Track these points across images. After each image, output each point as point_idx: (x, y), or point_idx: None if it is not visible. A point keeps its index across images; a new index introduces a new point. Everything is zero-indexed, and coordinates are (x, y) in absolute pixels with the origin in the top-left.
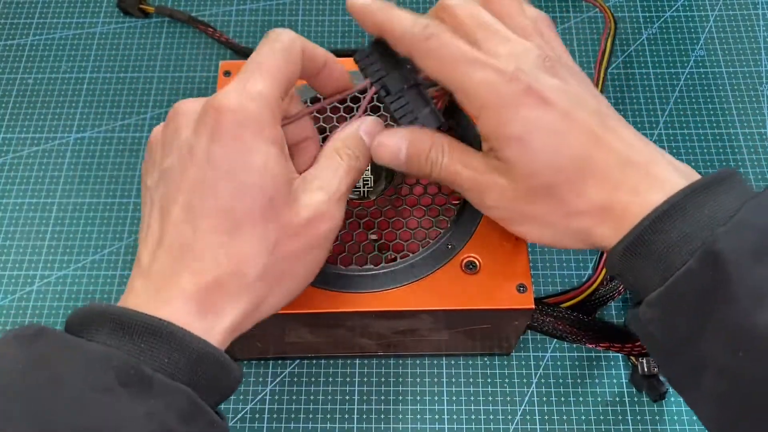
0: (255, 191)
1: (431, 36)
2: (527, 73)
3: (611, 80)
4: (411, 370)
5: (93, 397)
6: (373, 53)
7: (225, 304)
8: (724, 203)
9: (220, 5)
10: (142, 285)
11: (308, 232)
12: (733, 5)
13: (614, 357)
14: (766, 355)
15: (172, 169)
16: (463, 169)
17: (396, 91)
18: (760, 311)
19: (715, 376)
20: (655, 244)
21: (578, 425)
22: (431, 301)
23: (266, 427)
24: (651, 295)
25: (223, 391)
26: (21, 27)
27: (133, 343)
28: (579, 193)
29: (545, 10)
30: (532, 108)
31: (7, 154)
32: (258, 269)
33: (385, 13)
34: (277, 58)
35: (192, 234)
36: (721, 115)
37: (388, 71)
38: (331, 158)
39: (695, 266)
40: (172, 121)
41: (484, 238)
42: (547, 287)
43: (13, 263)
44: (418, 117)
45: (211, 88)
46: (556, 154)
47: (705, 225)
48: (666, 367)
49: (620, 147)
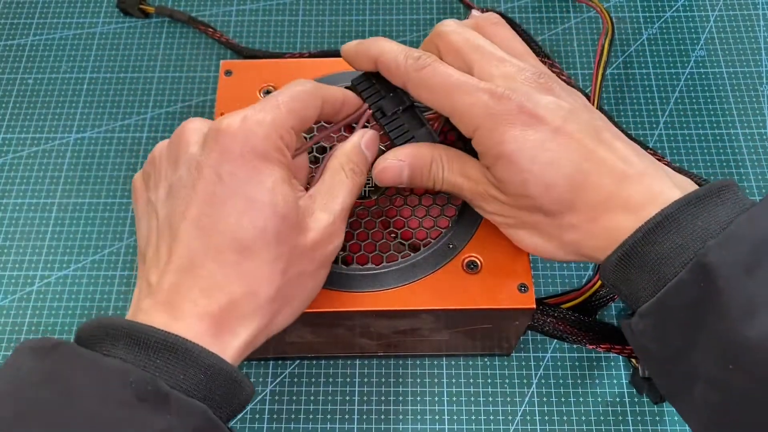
0: (267, 210)
1: (423, 67)
2: (519, 93)
3: (611, 80)
4: (411, 370)
5: (111, 412)
6: (369, 76)
7: (238, 324)
8: (718, 215)
9: (220, 5)
10: (151, 304)
11: (316, 252)
12: (733, 5)
13: (615, 358)
14: (757, 368)
15: (181, 184)
16: (463, 181)
17: (391, 113)
18: (751, 324)
19: (706, 387)
20: (648, 255)
21: (578, 426)
22: (432, 301)
23: (266, 427)
24: (643, 306)
25: (236, 407)
26: (21, 27)
27: (149, 359)
28: (571, 208)
29: (545, 10)
30: (522, 127)
31: (7, 154)
32: (271, 291)
33: (378, 47)
34: (292, 96)
35: (203, 252)
36: (721, 115)
37: (383, 94)
38: (336, 174)
39: (686, 278)
40: (179, 137)
41: (485, 237)
42: (548, 288)
43: (13, 263)
44: (414, 137)
45: (212, 88)
46: (547, 172)
47: (698, 237)
48: (659, 377)
49: (613, 161)
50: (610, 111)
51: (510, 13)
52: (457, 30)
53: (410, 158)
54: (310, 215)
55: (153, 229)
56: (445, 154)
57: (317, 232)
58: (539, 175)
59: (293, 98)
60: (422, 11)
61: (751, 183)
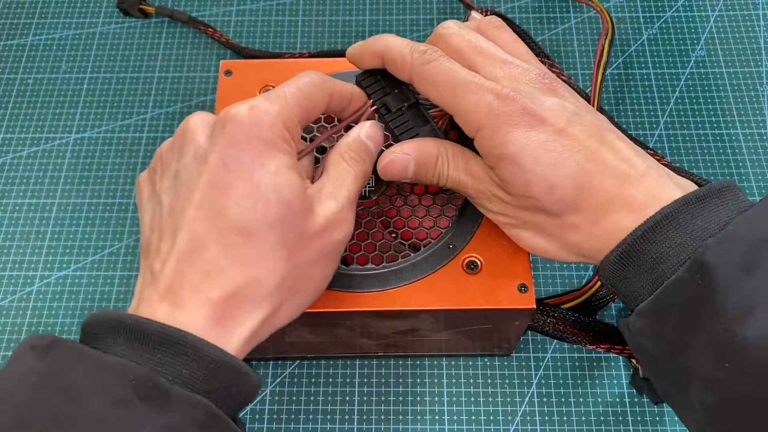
0: (271, 194)
1: (429, 61)
2: (523, 94)
3: (611, 80)
4: (411, 370)
5: (111, 410)
6: (374, 72)
7: (242, 312)
8: (718, 215)
9: (220, 5)
10: (152, 293)
11: (323, 240)
12: (734, 5)
13: (615, 359)
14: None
15: (186, 171)
16: (467, 178)
17: (396, 109)
18: (747, 323)
19: (702, 387)
20: (647, 253)
21: (578, 426)
22: (432, 301)
23: (266, 427)
24: (641, 304)
25: (243, 399)
26: (21, 27)
27: (150, 354)
28: (574, 208)
29: (545, 10)
30: (525, 128)
31: (7, 154)
32: (277, 277)
33: (384, 42)
34: (300, 88)
35: (207, 236)
36: (721, 116)
37: (388, 90)
38: (339, 164)
39: (684, 276)
40: (184, 129)
41: (485, 237)
42: (548, 288)
43: (13, 263)
44: (419, 134)
45: (211, 88)
46: (550, 173)
47: (697, 236)
48: (656, 377)
49: (616, 162)
50: (610, 111)
51: (510, 13)
52: (459, 32)
53: (416, 152)
54: (317, 201)
55: (156, 218)
56: (451, 150)
57: (324, 218)
58: (542, 175)
59: (300, 90)
60: (422, 11)
61: (751, 183)
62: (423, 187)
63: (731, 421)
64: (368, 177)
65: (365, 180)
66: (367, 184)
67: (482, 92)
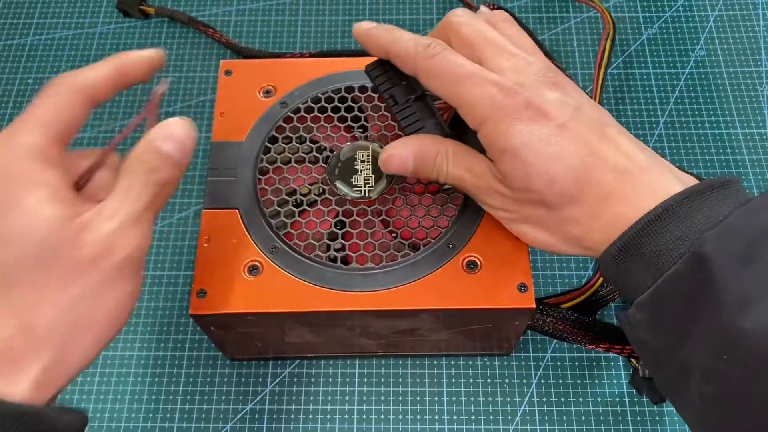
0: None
1: (433, 55)
2: (527, 87)
3: (611, 80)
4: (411, 370)
5: None
6: (382, 63)
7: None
8: (719, 209)
9: (220, 5)
10: None
11: (102, 265)
12: (733, 5)
13: (614, 358)
14: (752, 359)
15: None
16: (467, 175)
17: (403, 102)
18: (746, 315)
19: (701, 379)
20: (647, 246)
21: (578, 426)
22: (432, 301)
23: (266, 427)
24: (641, 297)
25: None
26: (21, 27)
27: None
28: (574, 201)
29: (545, 10)
30: (528, 121)
31: None
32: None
33: (390, 35)
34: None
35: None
36: (721, 115)
37: (396, 82)
38: (124, 179)
39: (683, 269)
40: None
41: (485, 237)
42: (548, 288)
43: None
44: (424, 127)
45: (211, 88)
46: (551, 166)
47: (697, 229)
48: (655, 371)
49: (616, 156)
50: (610, 111)
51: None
52: (469, 21)
53: (416, 148)
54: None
55: None
56: (451, 147)
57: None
58: (543, 169)
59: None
60: (422, 11)
61: (751, 183)
62: (423, 187)
63: (730, 413)
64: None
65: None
66: (367, 184)
67: (486, 85)
